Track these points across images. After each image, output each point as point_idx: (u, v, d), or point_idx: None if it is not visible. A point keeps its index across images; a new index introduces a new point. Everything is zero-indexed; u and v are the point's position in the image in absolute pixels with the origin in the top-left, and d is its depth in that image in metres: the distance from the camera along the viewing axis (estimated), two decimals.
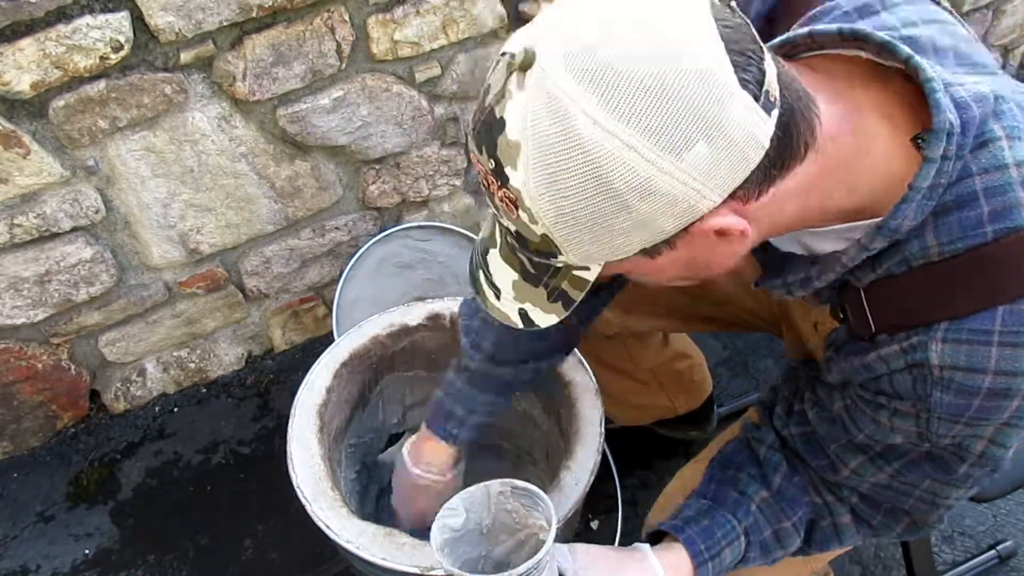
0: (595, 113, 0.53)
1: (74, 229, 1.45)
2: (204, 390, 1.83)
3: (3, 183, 1.33)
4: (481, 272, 0.72)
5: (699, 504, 0.90)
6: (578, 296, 0.67)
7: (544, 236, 0.60)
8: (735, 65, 0.54)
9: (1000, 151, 0.62)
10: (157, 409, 1.80)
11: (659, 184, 0.55)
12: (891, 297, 0.69)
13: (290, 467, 1.01)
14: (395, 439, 1.35)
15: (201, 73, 1.39)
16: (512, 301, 0.71)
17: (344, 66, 1.49)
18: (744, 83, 0.55)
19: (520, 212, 0.59)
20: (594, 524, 1.51)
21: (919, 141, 0.63)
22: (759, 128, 0.56)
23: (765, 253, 0.79)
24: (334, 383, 1.11)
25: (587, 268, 0.64)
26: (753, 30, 0.58)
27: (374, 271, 1.70)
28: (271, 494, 1.62)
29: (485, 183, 0.62)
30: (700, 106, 0.53)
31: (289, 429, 1.05)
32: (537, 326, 0.71)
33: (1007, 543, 1.45)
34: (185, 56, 1.35)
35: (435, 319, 1.17)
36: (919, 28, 0.69)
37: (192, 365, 1.80)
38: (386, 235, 1.69)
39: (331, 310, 1.68)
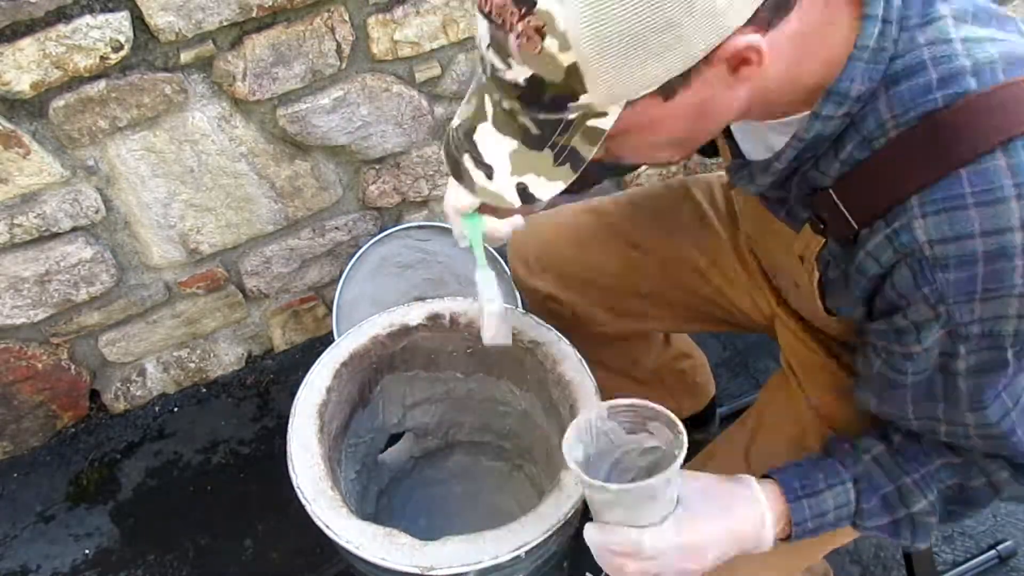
0: None
1: (74, 229, 1.45)
2: (204, 390, 1.83)
3: (3, 183, 1.33)
4: (466, 154, 0.69)
5: (812, 454, 0.89)
6: (590, 152, 0.65)
7: (571, 68, 0.58)
8: None
9: (946, 27, 0.66)
10: (157, 409, 1.80)
11: None
12: (860, 185, 0.70)
13: (290, 467, 1.01)
14: (395, 439, 1.35)
15: (201, 73, 1.39)
16: (508, 177, 0.68)
17: (344, 66, 1.49)
18: None
19: (547, 41, 0.57)
20: None
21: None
22: None
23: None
24: (334, 383, 1.11)
25: (604, 114, 0.62)
26: None
27: (374, 271, 1.70)
28: (271, 494, 1.62)
29: (498, 19, 0.59)
30: None
31: (289, 429, 1.05)
32: (539, 200, 0.69)
33: (1007, 543, 1.45)
34: (185, 56, 1.35)
35: (435, 319, 1.17)
36: None
37: (192, 365, 1.80)
38: (386, 235, 1.69)
39: (331, 310, 1.68)
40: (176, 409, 1.80)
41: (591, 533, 0.79)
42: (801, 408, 1.00)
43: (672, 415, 0.79)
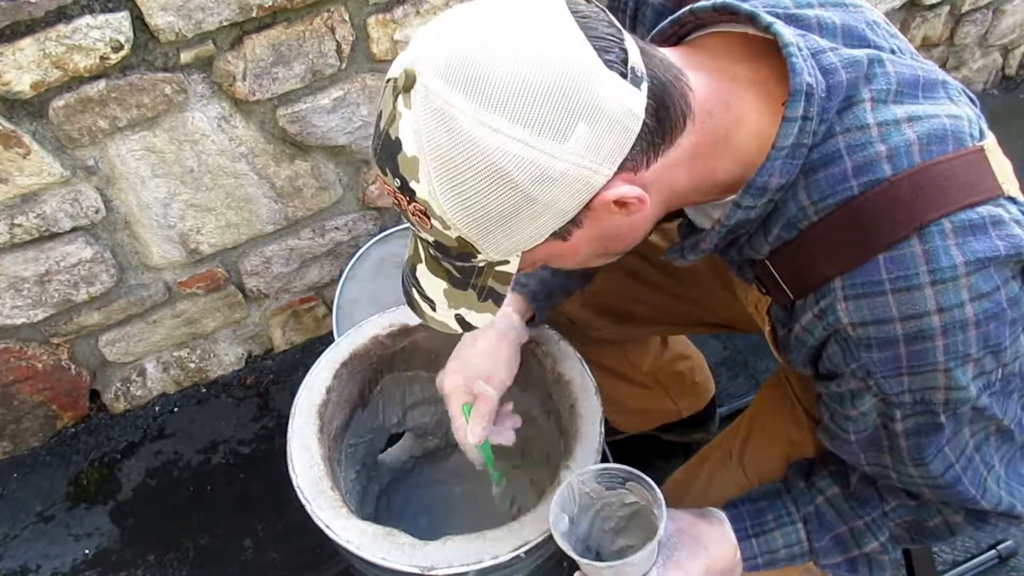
0: (479, 115, 0.58)
1: (74, 229, 1.45)
2: (204, 390, 1.83)
3: (3, 183, 1.33)
4: (414, 289, 0.76)
5: (770, 487, 0.93)
6: (505, 290, 0.71)
7: (460, 239, 0.64)
8: (597, 49, 0.60)
9: (863, 112, 0.67)
10: (157, 409, 1.80)
11: (553, 169, 0.60)
12: (791, 261, 0.72)
13: (290, 467, 1.01)
14: (395, 439, 1.35)
15: (201, 73, 1.39)
16: (447, 309, 0.75)
17: (344, 66, 1.49)
18: (609, 64, 0.60)
19: (432, 221, 0.64)
20: None
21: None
22: (632, 100, 0.61)
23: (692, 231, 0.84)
24: (334, 383, 1.11)
25: (507, 261, 0.68)
26: (609, 15, 0.63)
27: (374, 271, 1.70)
28: (271, 494, 1.62)
29: (396, 201, 0.66)
30: (571, 92, 0.59)
31: (289, 429, 1.05)
32: (475, 327, 0.75)
33: (1007, 543, 1.45)
34: (185, 56, 1.35)
35: None
36: (813, 9, 0.73)
37: (192, 365, 1.80)
38: (386, 235, 1.69)
39: (331, 310, 1.68)
40: (176, 409, 1.80)
41: None
42: (796, 412, 1.01)
43: (647, 477, 0.85)
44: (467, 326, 0.75)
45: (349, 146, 1.59)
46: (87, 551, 1.57)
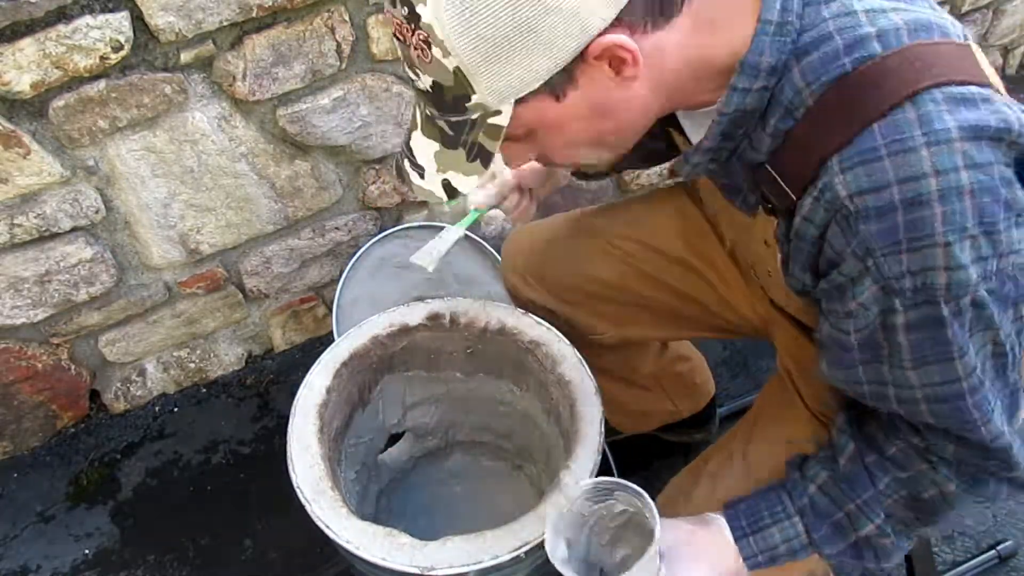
0: None
1: (74, 229, 1.45)
2: (204, 390, 1.83)
3: (3, 183, 1.33)
4: (406, 160, 0.79)
5: (769, 485, 0.93)
6: (494, 148, 0.73)
7: (457, 71, 0.67)
8: None
9: (849, 1, 0.71)
10: (157, 409, 1.80)
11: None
12: (790, 155, 0.74)
13: (290, 467, 1.01)
14: (395, 439, 1.35)
15: (201, 73, 1.39)
16: (435, 175, 0.77)
17: (344, 66, 1.49)
18: None
19: (433, 50, 0.66)
20: None
21: None
22: None
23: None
24: (334, 383, 1.11)
25: (499, 112, 0.70)
26: None
27: (374, 271, 1.70)
28: (271, 494, 1.62)
29: (401, 37, 0.69)
30: None
31: (289, 429, 1.05)
32: (460, 194, 0.78)
33: (1007, 543, 1.45)
34: (185, 56, 1.35)
35: (435, 319, 1.17)
36: None
37: (192, 365, 1.80)
38: (386, 235, 1.69)
39: (331, 310, 1.68)
40: (176, 409, 1.80)
41: None
42: (798, 411, 1.00)
43: (632, 485, 0.84)
44: (452, 192, 0.77)
45: (349, 146, 1.59)
46: (87, 551, 1.57)
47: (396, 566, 0.90)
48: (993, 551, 1.44)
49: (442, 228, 1.71)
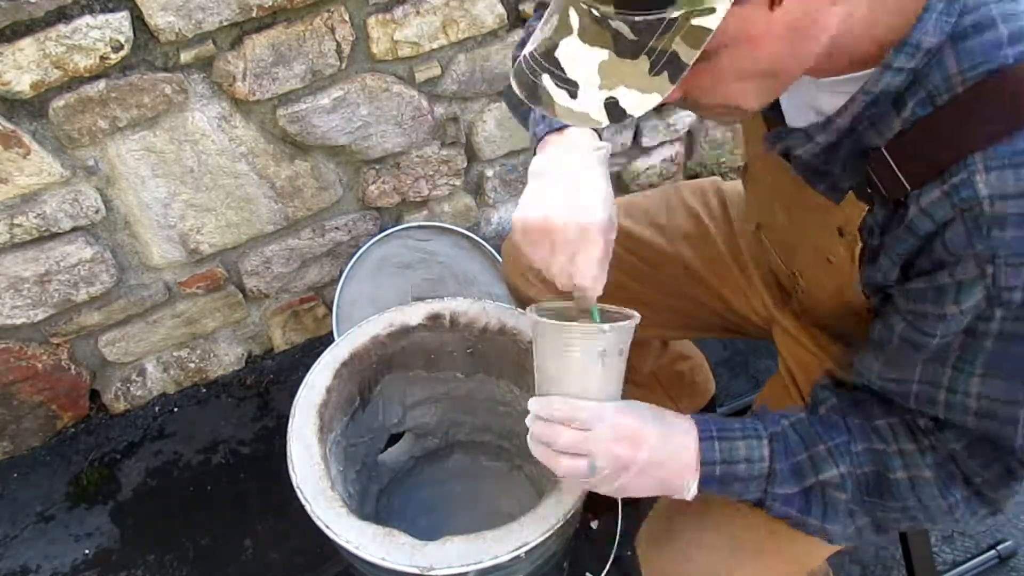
0: None
1: (74, 229, 1.46)
2: (204, 390, 1.83)
3: (3, 183, 1.33)
4: (546, 75, 0.64)
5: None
6: (691, 57, 0.59)
7: None
8: None
9: None
10: (157, 409, 1.80)
11: None
12: (919, 144, 0.68)
13: (290, 467, 1.01)
14: (395, 439, 1.35)
15: (201, 73, 1.39)
16: (596, 92, 0.63)
17: (344, 66, 1.49)
18: None
19: None
20: (594, 524, 1.51)
21: None
22: None
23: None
24: (334, 383, 1.11)
25: (712, 10, 0.57)
26: None
27: (374, 271, 1.70)
28: (271, 494, 1.62)
29: None
30: None
31: (289, 429, 1.05)
32: (629, 116, 0.63)
33: (1007, 543, 1.45)
34: (185, 56, 1.35)
35: (435, 319, 1.17)
36: None
37: (192, 365, 1.80)
38: (386, 235, 1.69)
39: (331, 310, 1.68)
40: (176, 409, 1.80)
41: (533, 402, 0.83)
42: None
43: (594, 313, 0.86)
44: (618, 114, 0.63)
45: (349, 146, 1.59)
46: (87, 551, 1.57)
47: (396, 566, 0.90)
48: (993, 551, 1.44)
49: (441, 227, 1.72)
